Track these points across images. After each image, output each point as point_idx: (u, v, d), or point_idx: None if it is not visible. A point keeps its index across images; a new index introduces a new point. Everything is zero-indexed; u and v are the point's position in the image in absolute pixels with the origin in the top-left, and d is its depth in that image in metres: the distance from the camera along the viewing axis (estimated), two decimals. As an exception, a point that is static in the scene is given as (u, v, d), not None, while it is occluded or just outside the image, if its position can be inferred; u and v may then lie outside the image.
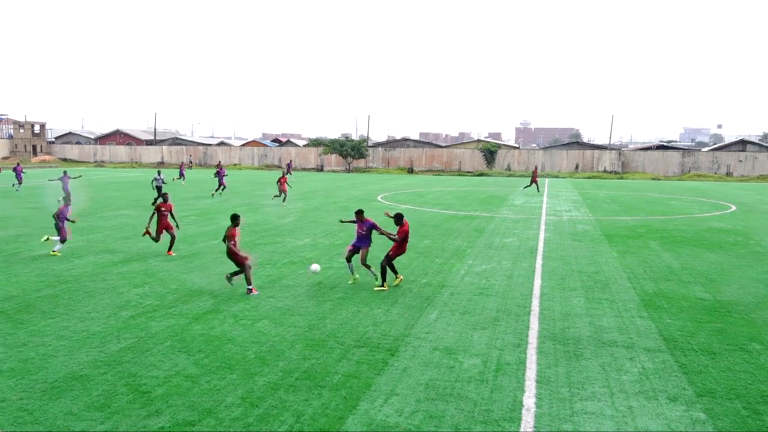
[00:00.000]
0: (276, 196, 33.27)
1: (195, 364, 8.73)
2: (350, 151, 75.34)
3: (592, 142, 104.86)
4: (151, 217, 17.36)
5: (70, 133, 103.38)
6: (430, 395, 7.81)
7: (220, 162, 45.74)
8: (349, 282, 13.96)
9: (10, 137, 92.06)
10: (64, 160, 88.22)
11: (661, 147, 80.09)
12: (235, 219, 13.39)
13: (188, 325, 10.61)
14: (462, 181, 56.80)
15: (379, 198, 36.10)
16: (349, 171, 75.02)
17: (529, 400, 7.73)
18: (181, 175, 49.22)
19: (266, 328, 10.46)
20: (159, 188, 30.85)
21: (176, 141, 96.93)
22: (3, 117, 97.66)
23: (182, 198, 34.30)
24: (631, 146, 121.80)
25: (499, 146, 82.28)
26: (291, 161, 61.67)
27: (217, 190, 36.58)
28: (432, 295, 12.96)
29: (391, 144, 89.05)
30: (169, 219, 17.62)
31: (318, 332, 10.30)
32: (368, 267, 13.74)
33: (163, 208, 17.50)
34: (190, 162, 54.16)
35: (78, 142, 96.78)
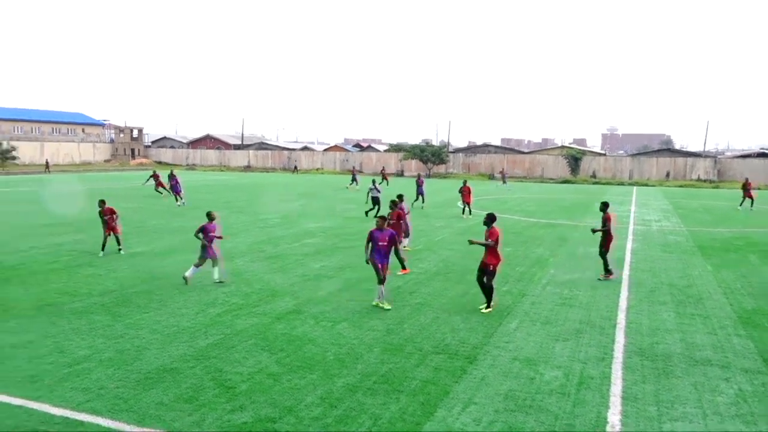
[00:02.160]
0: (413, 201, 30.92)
1: (277, 363, 8.98)
2: (430, 156, 75.28)
3: (684, 149, 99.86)
4: (389, 225, 14.93)
5: (165, 138, 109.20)
6: (509, 406, 7.66)
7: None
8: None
9: (112, 141, 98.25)
10: (159, 162, 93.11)
11: (762, 154, 75.13)
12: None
13: (271, 324, 10.92)
14: (545, 188, 55.51)
15: (459, 204, 35.87)
16: (429, 176, 75.00)
17: (614, 417, 7.43)
18: (354, 180, 48.12)
19: (345, 331, 10.61)
20: (375, 198, 28.16)
21: (262, 146, 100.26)
22: (105, 122, 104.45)
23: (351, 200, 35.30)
24: (728, 153, 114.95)
25: (584, 153, 79.81)
26: (384, 168, 60.16)
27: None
28: (512, 303, 12.73)
29: (471, 150, 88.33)
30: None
31: (396, 337, 10.34)
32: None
33: (392, 220, 16.93)
34: (353, 168, 52.76)
35: (172, 146, 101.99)
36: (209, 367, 8.73)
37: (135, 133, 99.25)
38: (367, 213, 28.03)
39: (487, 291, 12.07)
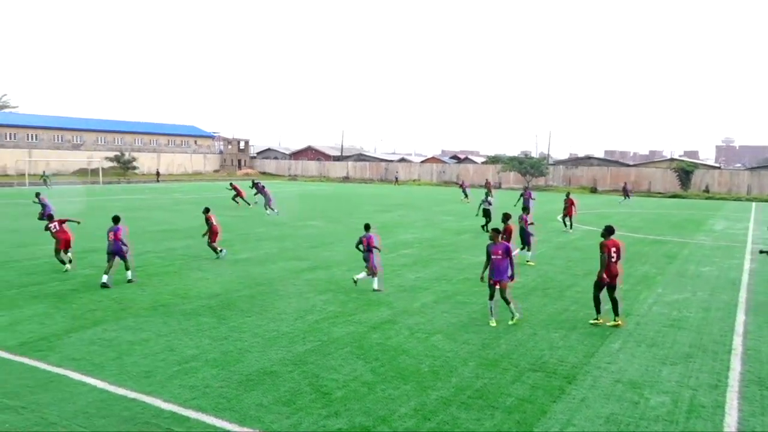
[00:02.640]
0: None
1: (372, 372, 9.07)
2: (529, 168, 73.68)
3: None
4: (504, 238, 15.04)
5: (269, 149, 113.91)
6: (610, 430, 7.32)
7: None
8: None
9: (221, 152, 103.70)
10: (263, 173, 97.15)
11: None
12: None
13: (366, 333, 11.06)
14: (651, 202, 52.79)
15: (558, 218, 34.84)
16: (528, 189, 73.40)
17: (727, 449, 6.91)
18: (465, 193, 48.03)
19: (440, 343, 10.56)
20: (486, 211, 27.11)
21: (360, 157, 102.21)
22: (215, 134, 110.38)
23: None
24: None
25: (696, 166, 75.17)
26: (488, 180, 59.05)
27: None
28: (615, 323, 12.15)
29: (573, 162, 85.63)
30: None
31: (492, 351, 10.17)
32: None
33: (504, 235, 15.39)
34: (462, 182, 52.11)
35: (275, 157, 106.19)
36: (306, 372, 8.97)
37: (242, 144, 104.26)
38: (483, 227, 26.91)
39: (596, 302, 12.02)
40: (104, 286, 14.18)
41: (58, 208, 26.81)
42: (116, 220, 15.35)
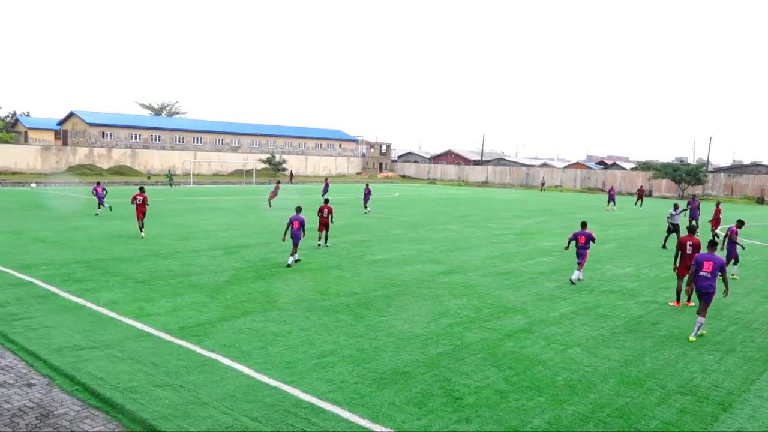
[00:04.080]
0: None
1: (505, 380, 8.91)
2: (684, 176, 68.32)
3: None
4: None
5: (409, 153, 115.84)
6: (772, 467, 6.60)
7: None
8: None
9: (363, 155, 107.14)
10: (403, 176, 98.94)
11: None
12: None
13: (500, 340, 10.88)
14: (832, 216, 46.78)
15: (717, 231, 31.97)
16: (682, 197, 68.16)
17: None
18: (612, 200, 46.47)
19: (578, 356, 10.13)
20: (674, 225, 24.19)
21: (500, 162, 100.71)
22: (359, 138, 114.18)
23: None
24: None
25: None
26: (613, 188, 56.30)
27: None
28: (782, 348, 10.94)
29: (736, 169, 78.15)
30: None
31: (635, 369, 9.57)
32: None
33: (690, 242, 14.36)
34: (611, 189, 50.66)
35: (415, 161, 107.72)
36: (438, 376, 9.01)
37: (383, 148, 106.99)
38: (664, 245, 24.22)
39: None
40: (288, 266, 17.21)
41: (211, 206, 28.97)
42: (299, 210, 18.39)
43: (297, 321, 11.68)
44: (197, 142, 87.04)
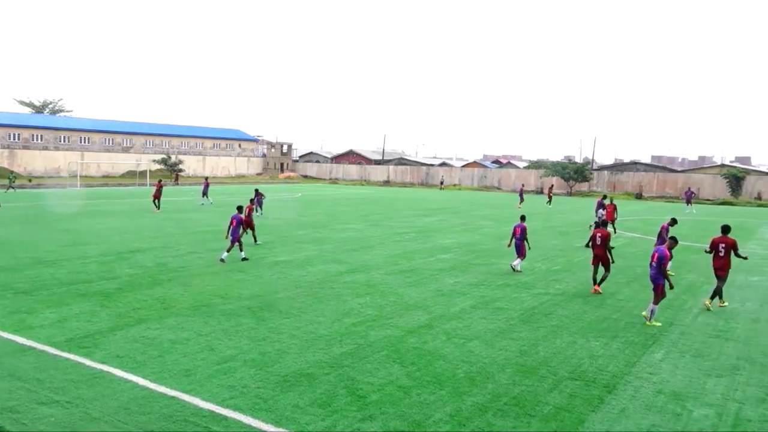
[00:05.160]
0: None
1: (407, 376, 9.06)
2: (572, 174, 72.57)
3: None
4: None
5: (311, 153, 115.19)
6: (651, 442, 7.13)
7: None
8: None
9: (264, 156, 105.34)
10: (305, 176, 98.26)
11: None
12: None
13: (403, 337, 11.06)
14: (700, 210, 51.29)
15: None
16: (570, 195, 72.29)
17: (775, 466, 6.66)
18: (521, 198, 48.52)
19: (477, 349, 10.48)
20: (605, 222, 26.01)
21: (401, 161, 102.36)
22: (259, 138, 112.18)
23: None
24: None
25: (748, 171, 72.72)
26: (523, 185, 58.56)
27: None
28: (658, 332, 11.87)
29: (618, 167, 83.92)
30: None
31: (530, 359, 10.04)
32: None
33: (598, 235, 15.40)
34: (522, 187, 53.48)
35: (317, 161, 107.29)
36: (342, 375, 9.02)
37: (285, 148, 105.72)
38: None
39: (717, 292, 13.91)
40: (222, 261, 18.10)
41: (102, 209, 27.60)
42: (239, 209, 19.42)
43: (195, 327, 11.30)
44: (84, 142, 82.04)
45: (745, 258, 15.04)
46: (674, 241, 13.03)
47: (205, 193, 40.83)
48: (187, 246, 21.37)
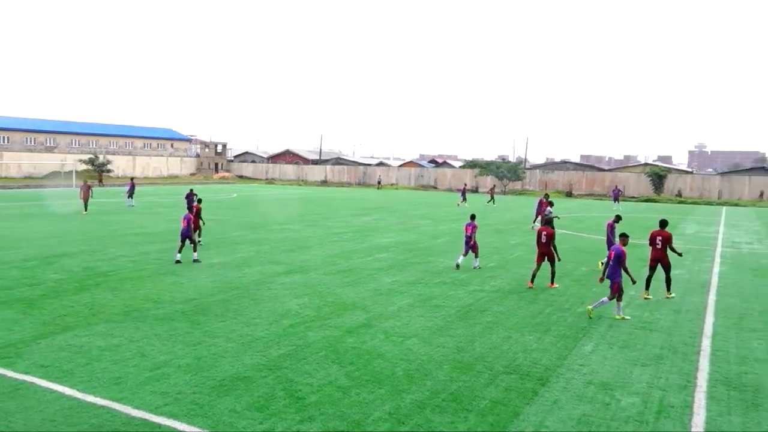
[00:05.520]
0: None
1: (346, 376, 9.06)
2: (506, 173, 74.34)
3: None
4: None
5: (246, 153, 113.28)
6: (582, 431, 7.39)
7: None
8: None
9: (197, 156, 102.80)
10: (241, 177, 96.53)
11: None
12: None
13: (342, 337, 11.04)
14: (626, 206, 53.51)
15: (535, 222, 35.18)
16: (504, 193, 74.03)
17: (695, 449, 7.03)
18: (464, 198, 49.01)
19: (415, 347, 10.58)
20: (549, 220, 26.22)
21: (339, 161, 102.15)
22: (192, 138, 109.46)
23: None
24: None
25: (669, 170, 76.54)
26: (465, 185, 59.62)
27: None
28: (588, 325, 12.32)
29: (549, 166, 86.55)
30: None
31: (467, 355, 10.22)
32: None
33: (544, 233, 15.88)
34: (465, 185, 54.81)
35: (253, 161, 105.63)
36: (281, 377, 8.92)
37: (219, 148, 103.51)
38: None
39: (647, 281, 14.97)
40: (177, 262, 18.07)
41: (23, 212, 26.33)
42: (190, 208, 19.42)
43: (127, 333, 10.92)
44: (4, 142, 77.87)
45: (680, 254, 15.81)
46: (626, 237, 13.60)
47: (131, 194, 39.31)
48: (117, 249, 20.62)
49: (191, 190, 32.79)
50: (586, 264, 20.03)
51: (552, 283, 16.08)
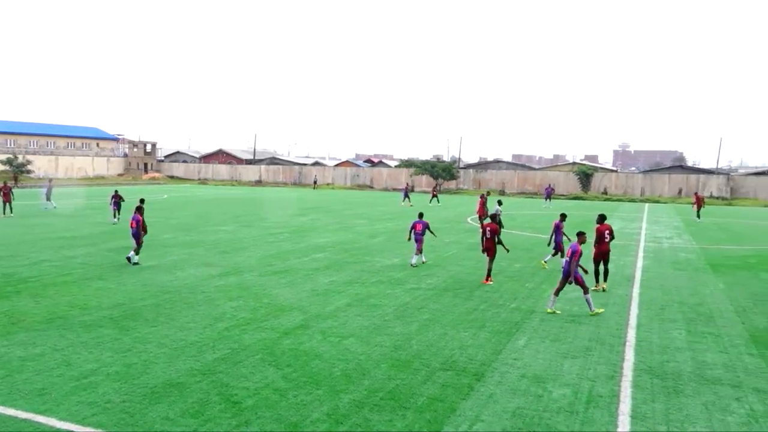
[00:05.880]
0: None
1: (284, 378, 8.95)
2: (441, 172, 75.35)
3: (697, 166, 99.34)
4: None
5: (177, 152, 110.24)
6: (516, 424, 7.59)
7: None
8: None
9: (125, 155, 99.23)
10: (171, 177, 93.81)
11: (775, 172, 74.47)
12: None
13: (278, 339, 10.91)
14: (555, 204, 55.27)
15: (468, 220, 35.86)
16: (440, 192, 74.99)
17: (622, 436, 7.33)
18: (407, 196, 49.18)
19: (353, 346, 10.58)
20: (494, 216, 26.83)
21: (274, 161, 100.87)
22: (119, 137, 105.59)
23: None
24: (742, 171, 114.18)
25: (596, 169, 79.61)
26: (408, 184, 60.30)
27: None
28: (521, 320, 12.65)
29: (482, 165, 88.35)
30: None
31: (404, 353, 10.30)
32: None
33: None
34: (407, 185, 55.43)
35: (184, 161, 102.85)
36: (216, 382, 8.73)
37: (148, 147, 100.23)
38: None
39: (595, 274, 15.71)
40: (129, 260, 17.95)
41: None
42: (138, 210, 18.74)
43: (50, 341, 10.41)
44: None
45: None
46: (583, 235, 14.00)
47: (48, 197, 36.91)
48: (39, 254, 19.65)
49: (116, 191, 31.60)
50: (520, 261, 20.56)
51: (487, 279, 16.48)
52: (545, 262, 19.39)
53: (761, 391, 8.89)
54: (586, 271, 13.68)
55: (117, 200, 30.23)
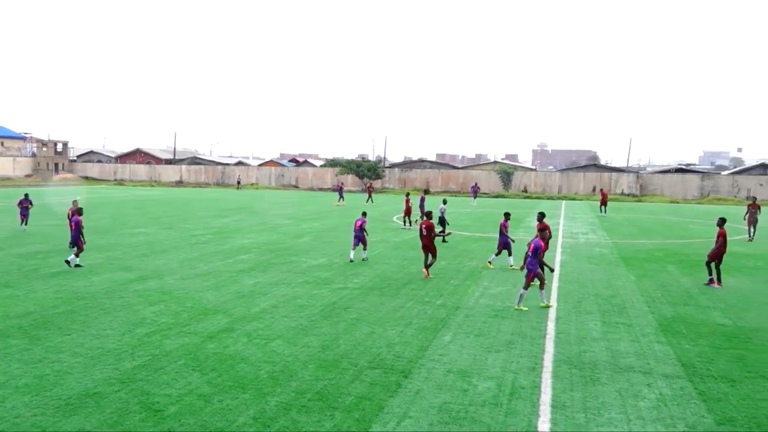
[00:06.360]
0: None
1: (208, 383, 8.73)
2: (366, 171, 75.62)
3: (609, 165, 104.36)
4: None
5: (91, 152, 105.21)
6: (443, 418, 7.72)
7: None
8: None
9: (33, 155, 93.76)
10: (85, 178, 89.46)
11: (680, 170, 79.34)
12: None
13: (202, 343, 10.62)
14: (478, 202, 56.63)
15: (394, 219, 36.16)
16: (363, 192, 75.25)
17: (543, 425, 7.61)
18: (341, 196, 49.71)
19: (279, 348, 10.45)
20: (441, 217, 26.65)
21: (195, 160, 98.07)
22: (26, 135, 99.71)
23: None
24: (650, 169, 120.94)
25: (516, 168, 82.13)
26: (342, 183, 60.96)
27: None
28: (446, 316, 12.88)
29: (407, 165, 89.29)
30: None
31: (331, 353, 10.27)
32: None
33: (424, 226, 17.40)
34: (341, 184, 55.91)
35: (99, 161, 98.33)
36: (136, 390, 8.40)
37: (59, 146, 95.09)
38: (442, 236, 23.97)
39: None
40: (67, 262, 17.59)
41: None
42: (79, 212, 18.91)
43: (-49, 354, 9.69)
44: None
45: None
46: (545, 231, 14.46)
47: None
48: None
49: (26, 194, 29.33)
50: (445, 258, 20.90)
51: (426, 271, 17.23)
52: (490, 262, 19.79)
53: (669, 376, 9.45)
54: (552, 269, 14.44)
55: (26, 205, 28.08)
